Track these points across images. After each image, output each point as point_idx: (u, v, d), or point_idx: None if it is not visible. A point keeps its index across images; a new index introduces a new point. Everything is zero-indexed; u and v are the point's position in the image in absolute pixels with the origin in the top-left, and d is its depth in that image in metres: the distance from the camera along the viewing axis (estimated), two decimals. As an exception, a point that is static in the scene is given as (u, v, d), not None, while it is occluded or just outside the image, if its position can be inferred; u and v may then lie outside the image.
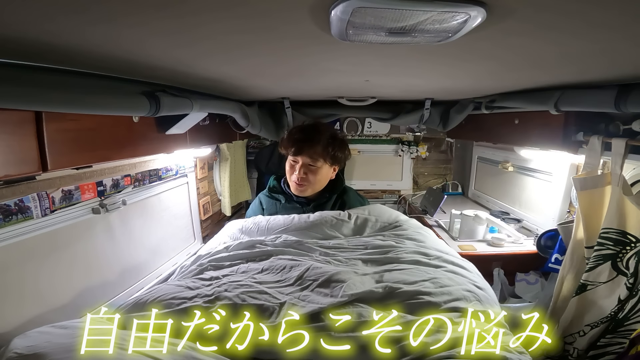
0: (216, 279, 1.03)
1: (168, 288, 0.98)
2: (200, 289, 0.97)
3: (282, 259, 1.13)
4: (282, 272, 1.07)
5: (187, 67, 0.86)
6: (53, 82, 0.76)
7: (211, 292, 0.94)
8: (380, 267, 1.12)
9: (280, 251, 1.19)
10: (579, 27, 0.52)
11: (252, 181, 2.48)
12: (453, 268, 1.14)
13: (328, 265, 1.09)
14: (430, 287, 1.00)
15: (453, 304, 0.95)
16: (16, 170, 0.79)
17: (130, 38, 0.59)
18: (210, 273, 1.09)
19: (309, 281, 1.01)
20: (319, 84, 1.27)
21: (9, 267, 0.91)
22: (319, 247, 1.21)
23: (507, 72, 0.96)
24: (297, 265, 1.07)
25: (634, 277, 1.04)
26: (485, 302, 1.03)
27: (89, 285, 1.17)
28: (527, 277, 1.50)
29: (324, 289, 0.97)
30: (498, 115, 1.68)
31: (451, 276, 1.09)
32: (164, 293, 0.94)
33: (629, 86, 0.93)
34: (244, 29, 0.55)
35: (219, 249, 1.24)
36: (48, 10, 0.44)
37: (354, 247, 1.24)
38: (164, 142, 1.30)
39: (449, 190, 2.58)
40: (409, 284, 1.00)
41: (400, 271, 1.08)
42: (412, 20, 0.48)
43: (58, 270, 1.05)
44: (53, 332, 0.78)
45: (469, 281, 1.09)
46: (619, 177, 1.09)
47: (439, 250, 1.23)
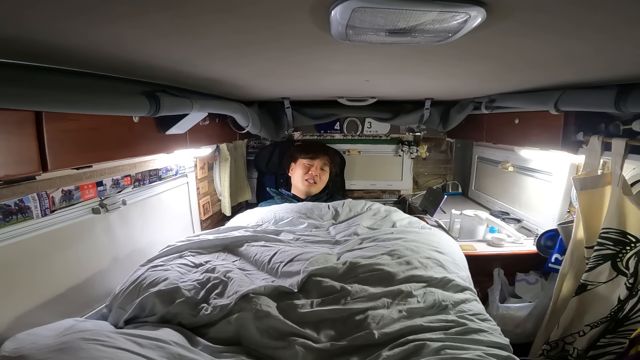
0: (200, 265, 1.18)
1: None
2: (189, 274, 1.11)
3: (255, 245, 1.30)
4: (254, 257, 1.23)
5: (188, 67, 0.86)
6: (53, 82, 0.76)
7: (202, 277, 1.07)
8: (342, 246, 1.30)
9: (253, 238, 1.35)
10: (579, 27, 0.52)
11: (252, 181, 2.47)
12: (415, 237, 1.30)
13: (296, 249, 1.23)
14: (387, 260, 1.12)
15: (410, 273, 1.05)
16: (16, 170, 0.78)
17: (132, 38, 0.59)
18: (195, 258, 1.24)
19: (277, 263, 1.15)
20: (319, 83, 1.27)
21: (9, 267, 0.91)
22: (291, 234, 1.42)
23: (507, 72, 0.96)
24: (267, 251, 1.23)
25: (633, 277, 1.04)
26: (446, 266, 1.14)
27: (89, 285, 1.17)
28: (527, 277, 1.50)
29: (289, 268, 1.11)
30: (498, 115, 1.67)
31: (410, 246, 1.21)
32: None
33: (629, 86, 0.93)
34: (244, 29, 0.55)
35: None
36: (56, 11, 0.45)
37: (325, 234, 1.47)
38: (164, 142, 1.30)
39: (449, 190, 2.58)
40: (368, 258, 1.11)
41: (361, 249, 1.23)
42: (412, 20, 0.48)
43: (58, 270, 1.05)
44: (39, 334, 0.79)
45: (430, 247, 1.22)
46: (619, 177, 1.09)
47: (402, 224, 1.49)
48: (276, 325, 0.89)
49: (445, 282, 1.06)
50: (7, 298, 0.90)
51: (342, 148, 2.46)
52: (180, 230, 1.75)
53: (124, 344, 0.76)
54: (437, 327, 0.87)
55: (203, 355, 0.80)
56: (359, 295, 0.98)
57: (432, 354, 0.78)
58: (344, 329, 0.90)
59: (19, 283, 0.93)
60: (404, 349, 0.80)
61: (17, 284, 0.93)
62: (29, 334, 0.79)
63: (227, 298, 0.97)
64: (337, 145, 2.45)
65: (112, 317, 1.03)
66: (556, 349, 1.23)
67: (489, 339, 0.83)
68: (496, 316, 1.39)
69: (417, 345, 0.80)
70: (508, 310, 1.40)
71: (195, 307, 0.97)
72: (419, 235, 1.35)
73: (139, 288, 1.04)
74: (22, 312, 0.93)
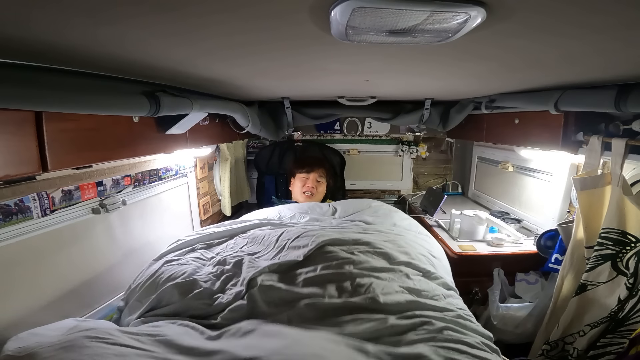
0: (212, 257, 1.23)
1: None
2: (203, 267, 1.15)
3: (261, 230, 1.37)
4: (263, 239, 1.29)
5: (188, 67, 0.86)
6: (53, 82, 0.76)
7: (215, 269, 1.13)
8: (344, 230, 1.38)
9: (260, 225, 1.44)
10: (578, 27, 0.52)
11: (252, 181, 2.47)
12: (413, 237, 1.40)
13: (302, 228, 1.33)
14: (389, 246, 1.22)
15: (408, 260, 1.16)
16: (16, 170, 0.78)
17: (133, 39, 0.59)
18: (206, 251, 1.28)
19: (285, 240, 1.22)
20: (319, 83, 1.27)
21: (9, 267, 0.91)
22: (294, 223, 1.50)
23: (507, 73, 0.96)
24: (274, 232, 1.31)
25: (634, 277, 1.04)
26: (437, 268, 1.22)
27: (89, 285, 1.17)
28: (527, 277, 1.50)
29: (297, 243, 1.19)
30: (498, 115, 1.67)
31: (409, 242, 1.32)
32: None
33: (629, 86, 0.93)
34: (244, 29, 0.55)
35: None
36: (64, 13, 0.45)
37: (328, 224, 1.53)
38: (164, 142, 1.30)
39: (449, 190, 2.58)
40: (370, 242, 1.21)
41: (363, 233, 1.32)
42: (412, 20, 0.48)
43: (58, 270, 1.05)
44: (42, 333, 0.79)
45: (425, 249, 1.32)
46: (619, 177, 1.09)
47: (402, 224, 1.56)
48: (279, 295, 0.98)
49: (435, 277, 1.14)
50: (6, 298, 0.90)
51: (342, 148, 2.46)
52: (180, 230, 1.75)
53: (127, 342, 0.78)
54: (437, 308, 0.95)
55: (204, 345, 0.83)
56: (362, 265, 1.07)
57: (436, 332, 0.85)
58: (348, 290, 0.98)
59: (18, 283, 0.93)
60: (412, 321, 0.88)
61: (17, 284, 0.93)
62: (32, 334, 0.79)
63: (240, 286, 1.04)
64: (337, 145, 2.45)
65: (128, 310, 1.06)
66: (556, 349, 1.23)
67: (481, 329, 0.91)
68: (496, 316, 1.39)
69: (423, 320, 0.88)
70: (508, 310, 1.40)
71: (211, 296, 1.02)
72: (416, 237, 1.44)
73: (156, 282, 1.07)
74: (22, 311, 0.93)
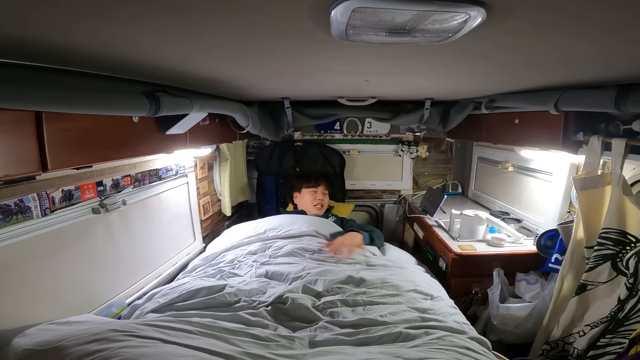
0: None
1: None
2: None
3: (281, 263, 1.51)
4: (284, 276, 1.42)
5: (188, 67, 0.86)
6: (53, 82, 0.76)
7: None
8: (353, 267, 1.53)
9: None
10: (579, 27, 0.52)
11: (252, 181, 2.47)
12: (412, 274, 1.52)
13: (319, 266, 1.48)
14: (394, 278, 1.41)
15: (414, 288, 1.35)
16: (16, 170, 0.78)
17: (134, 39, 0.59)
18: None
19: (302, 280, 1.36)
20: (319, 83, 1.27)
21: (9, 267, 0.91)
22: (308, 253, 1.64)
23: (507, 72, 0.96)
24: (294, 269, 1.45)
25: (633, 277, 1.04)
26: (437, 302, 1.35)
27: (89, 284, 1.17)
28: (527, 277, 1.49)
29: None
30: (498, 115, 1.67)
31: (411, 275, 1.49)
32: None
33: (629, 86, 0.93)
34: (245, 29, 0.55)
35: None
36: (64, 13, 0.45)
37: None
38: (164, 142, 1.30)
39: (449, 190, 2.58)
40: (376, 277, 1.39)
41: (369, 270, 1.51)
42: (412, 20, 0.48)
43: (58, 270, 1.05)
44: (57, 329, 0.79)
45: (429, 285, 1.46)
46: (619, 177, 1.09)
47: (401, 263, 1.66)
48: (305, 314, 1.16)
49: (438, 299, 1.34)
50: (6, 297, 0.90)
51: (342, 148, 2.46)
52: (181, 230, 1.75)
53: (153, 334, 0.81)
54: (441, 320, 1.14)
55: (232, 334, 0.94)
56: (373, 294, 1.27)
57: (439, 339, 1.04)
58: (362, 312, 1.17)
59: (18, 283, 0.93)
60: (419, 331, 1.06)
61: (17, 284, 0.93)
62: (42, 330, 0.79)
63: (267, 297, 1.23)
64: (337, 145, 2.45)
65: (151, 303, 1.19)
66: (556, 349, 1.23)
67: (474, 335, 1.11)
68: (496, 316, 1.39)
69: (428, 331, 1.06)
70: (508, 310, 1.40)
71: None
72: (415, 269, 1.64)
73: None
74: (22, 310, 0.93)
